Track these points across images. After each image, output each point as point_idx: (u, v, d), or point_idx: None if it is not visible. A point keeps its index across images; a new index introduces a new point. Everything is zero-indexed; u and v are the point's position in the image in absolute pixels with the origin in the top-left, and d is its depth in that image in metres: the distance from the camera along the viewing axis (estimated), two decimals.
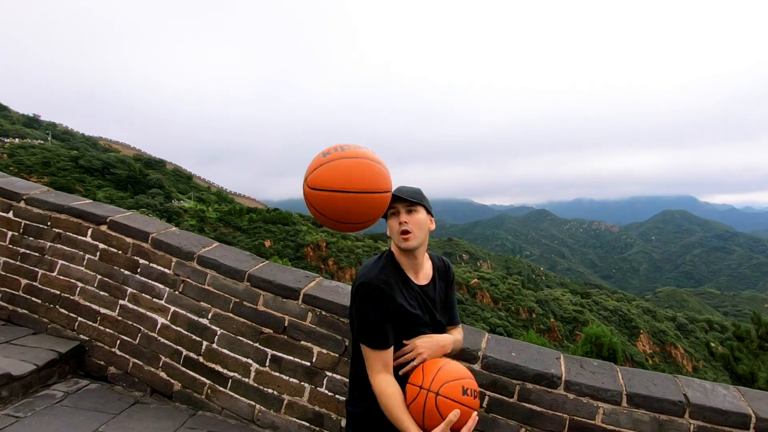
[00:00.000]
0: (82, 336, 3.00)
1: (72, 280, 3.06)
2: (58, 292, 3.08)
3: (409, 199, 1.66)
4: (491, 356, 2.31)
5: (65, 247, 3.11)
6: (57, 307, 3.06)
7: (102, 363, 2.95)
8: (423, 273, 1.76)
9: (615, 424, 2.13)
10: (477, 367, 2.32)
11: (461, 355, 2.33)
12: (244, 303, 2.72)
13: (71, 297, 3.05)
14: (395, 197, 1.66)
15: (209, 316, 2.77)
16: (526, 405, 2.24)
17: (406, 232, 1.65)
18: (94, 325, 2.99)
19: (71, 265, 3.08)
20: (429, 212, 1.74)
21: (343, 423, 2.49)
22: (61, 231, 3.13)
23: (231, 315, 2.74)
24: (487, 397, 2.29)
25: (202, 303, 2.80)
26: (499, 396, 2.27)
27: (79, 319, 3.02)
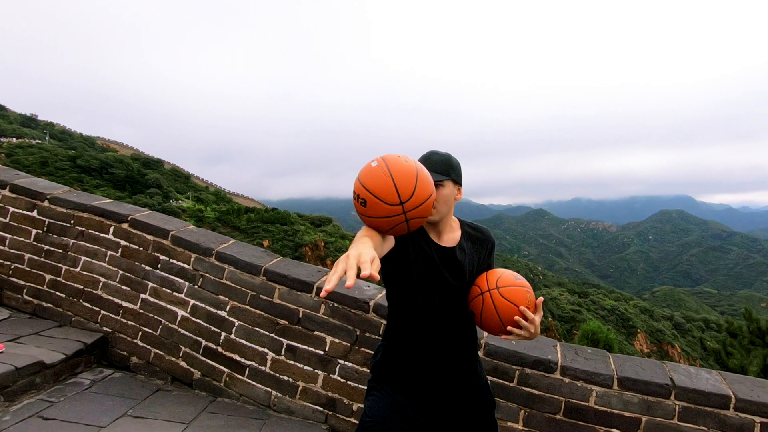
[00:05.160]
0: (105, 328, 3.17)
1: (95, 276, 3.23)
2: (82, 287, 3.24)
3: (436, 175, 1.64)
4: (493, 344, 2.50)
5: (88, 244, 3.28)
6: (81, 300, 3.23)
7: (125, 353, 3.12)
8: (446, 237, 1.76)
9: (607, 406, 2.32)
10: (480, 354, 2.50)
11: None
12: (261, 296, 2.90)
13: (94, 291, 3.22)
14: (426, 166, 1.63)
15: (227, 309, 2.95)
16: (525, 389, 2.42)
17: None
18: (116, 317, 3.16)
19: (94, 261, 3.25)
20: (457, 182, 1.73)
21: (355, 407, 2.67)
22: (83, 229, 3.30)
23: (248, 307, 2.91)
24: (489, 382, 2.47)
25: (220, 296, 2.97)
26: (500, 381, 2.46)
27: (102, 312, 3.19)
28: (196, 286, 3.03)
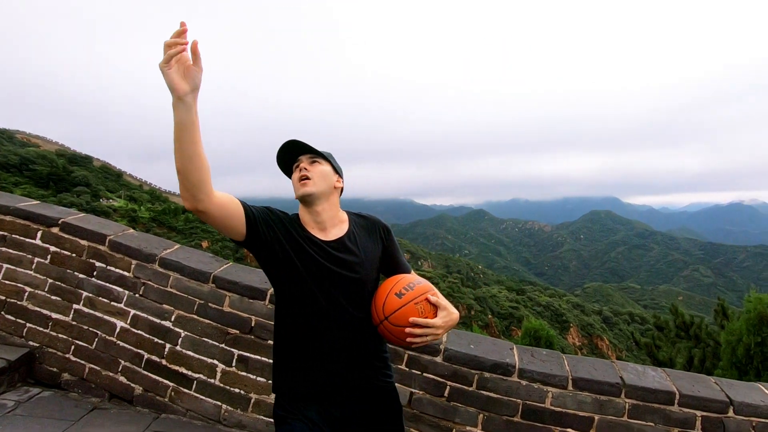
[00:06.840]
0: (31, 342, 2.88)
1: (19, 285, 2.93)
2: (4, 298, 2.94)
3: (312, 150, 1.66)
4: (452, 349, 2.49)
5: (11, 251, 2.97)
6: (2, 313, 2.92)
7: (54, 370, 2.85)
8: (332, 231, 1.68)
9: (562, 406, 2.37)
10: (439, 359, 2.49)
11: (424, 348, 2.49)
12: (209, 305, 2.74)
13: (18, 302, 2.92)
14: (299, 149, 1.66)
15: (172, 319, 2.76)
16: (484, 392, 2.44)
17: (305, 177, 1.62)
18: (45, 330, 2.88)
19: (18, 269, 2.95)
20: (337, 172, 1.73)
21: None
22: (5, 233, 2.99)
23: (195, 317, 2.74)
24: (448, 386, 2.46)
25: (164, 305, 2.78)
26: (460, 385, 2.45)
27: (28, 325, 2.90)
28: (137, 295, 2.82)
